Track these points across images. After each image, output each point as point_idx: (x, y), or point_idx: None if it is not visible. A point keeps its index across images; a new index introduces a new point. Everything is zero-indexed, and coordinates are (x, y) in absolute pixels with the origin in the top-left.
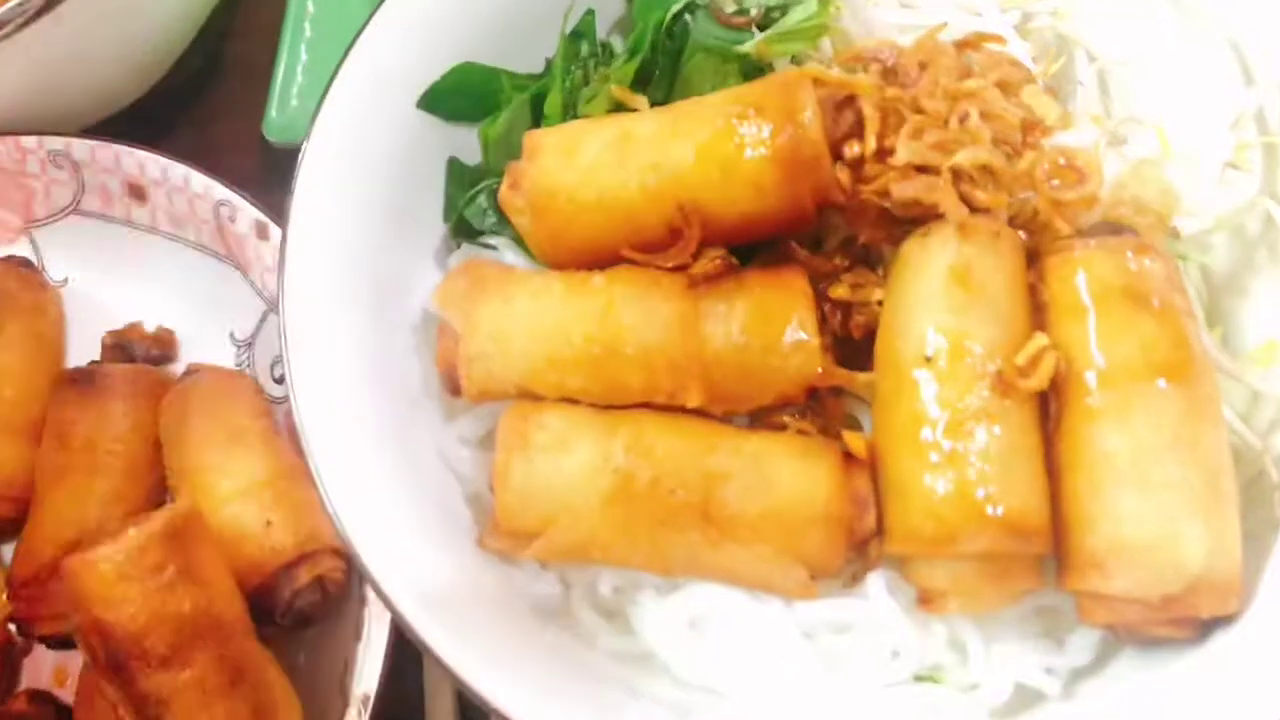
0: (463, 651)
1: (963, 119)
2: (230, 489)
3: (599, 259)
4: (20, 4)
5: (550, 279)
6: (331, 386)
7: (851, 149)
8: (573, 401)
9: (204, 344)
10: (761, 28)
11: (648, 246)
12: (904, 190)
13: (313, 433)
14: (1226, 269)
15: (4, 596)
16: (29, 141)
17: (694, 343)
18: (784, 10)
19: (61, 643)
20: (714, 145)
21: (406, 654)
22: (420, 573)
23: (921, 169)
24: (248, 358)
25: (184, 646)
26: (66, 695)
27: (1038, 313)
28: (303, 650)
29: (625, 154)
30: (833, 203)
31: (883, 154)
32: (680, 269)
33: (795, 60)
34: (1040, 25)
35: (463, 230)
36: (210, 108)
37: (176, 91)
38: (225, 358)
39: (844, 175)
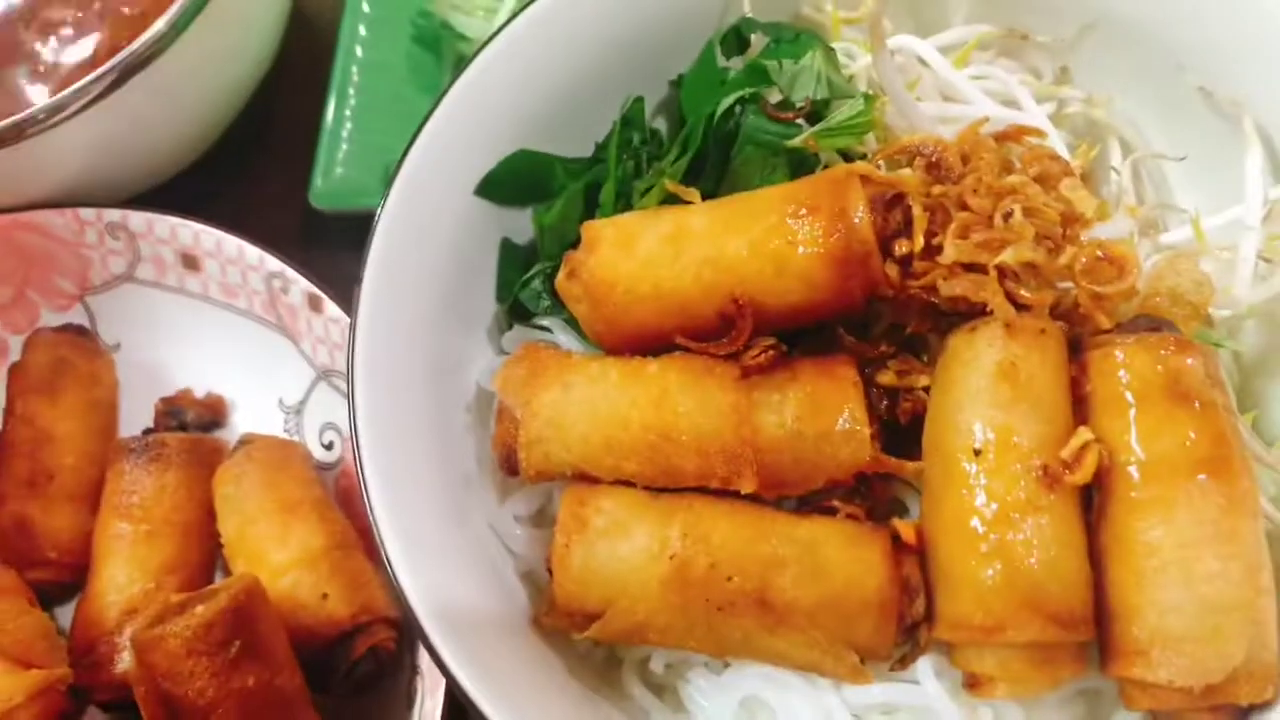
0: None
1: (1006, 216)
2: (286, 560)
3: (652, 345)
4: (80, 88)
5: (607, 366)
6: (397, 462)
7: (900, 247)
8: (628, 484)
9: (253, 410)
10: (809, 119)
11: (700, 334)
12: (952, 288)
13: (379, 504)
14: (1258, 353)
15: (65, 668)
16: (87, 214)
17: (748, 430)
18: (827, 103)
19: (117, 707)
20: (767, 241)
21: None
22: (478, 644)
23: (968, 266)
24: (295, 424)
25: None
26: None
27: (1079, 405)
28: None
29: (681, 248)
30: (881, 297)
31: (930, 251)
32: (732, 357)
33: (843, 154)
34: (1073, 111)
35: (516, 312)
36: (253, 171)
37: (221, 157)
38: (274, 424)
39: (892, 271)
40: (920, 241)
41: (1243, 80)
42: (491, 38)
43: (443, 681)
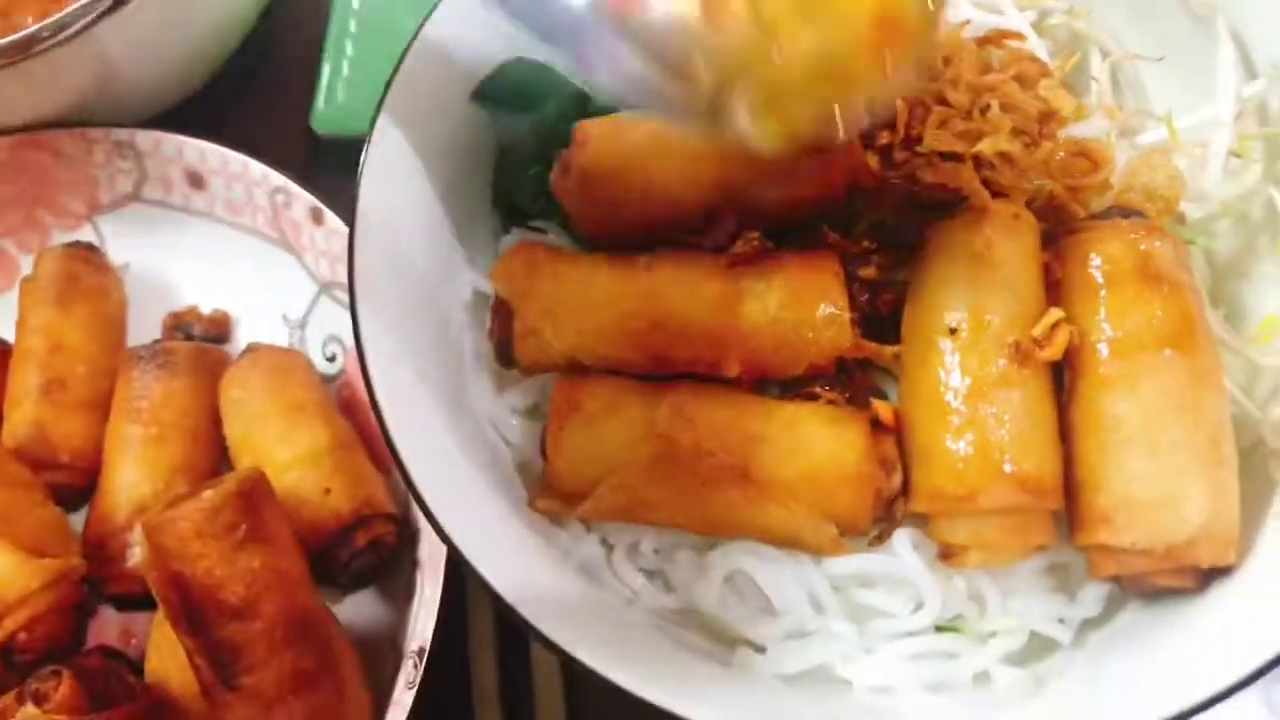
0: (524, 599)
1: (984, 110)
2: (290, 457)
3: (643, 240)
4: (84, 5)
5: (599, 260)
6: (397, 356)
7: (881, 137)
8: (618, 373)
9: (258, 325)
10: None
11: (689, 230)
12: (929, 175)
13: (382, 394)
14: (1230, 254)
15: (78, 558)
16: (95, 133)
17: (733, 317)
18: None
19: (128, 603)
20: None
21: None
22: (480, 524)
23: (946, 156)
24: (299, 338)
25: (255, 599)
26: (132, 655)
27: (1052, 290)
28: (355, 612)
29: (669, 142)
30: (862, 186)
31: (910, 142)
32: (719, 251)
33: None
34: (1056, 23)
35: (511, 215)
36: (257, 99)
37: (225, 85)
38: (278, 338)
39: (873, 160)
40: (901, 132)
41: None
42: None
43: (442, 571)
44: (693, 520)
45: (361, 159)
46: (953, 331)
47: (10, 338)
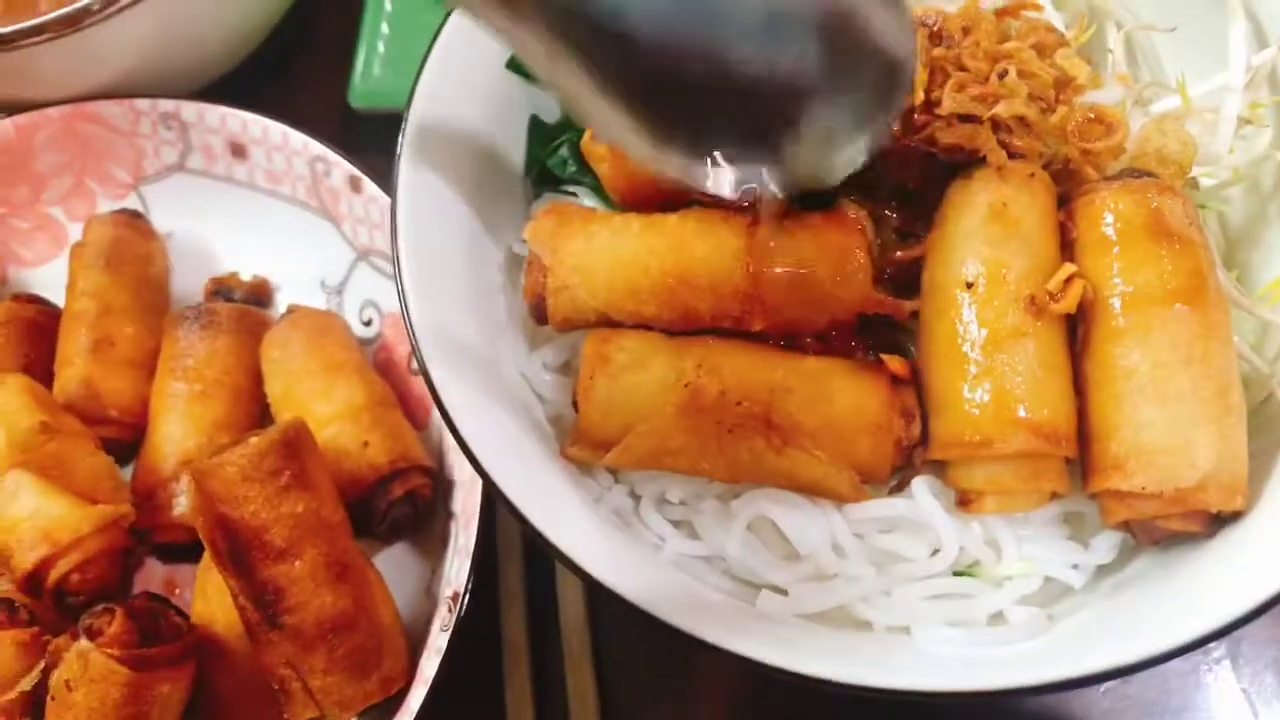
0: (561, 535)
1: (1002, 75)
2: (330, 412)
3: (671, 202)
4: None
5: (629, 218)
6: (439, 313)
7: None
8: (647, 328)
9: (297, 291)
10: None
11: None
12: (948, 136)
13: (425, 345)
14: (1242, 220)
15: (128, 505)
16: (142, 104)
17: (759, 273)
18: None
19: (173, 555)
20: None
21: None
22: (517, 468)
23: (964, 119)
24: (337, 304)
25: (297, 542)
26: (176, 604)
27: (1067, 248)
28: (393, 563)
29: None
30: (883, 149)
31: (929, 106)
32: (746, 209)
33: None
34: None
35: (544, 180)
36: (294, 77)
37: (264, 62)
38: (317, 303)
39: (893, 123)
40: (920, 95)
41: None
42: None
43: (476, 521)
44: (718, 468)
45: (401, 128)
46: (969, 285)
47: (61, 302)
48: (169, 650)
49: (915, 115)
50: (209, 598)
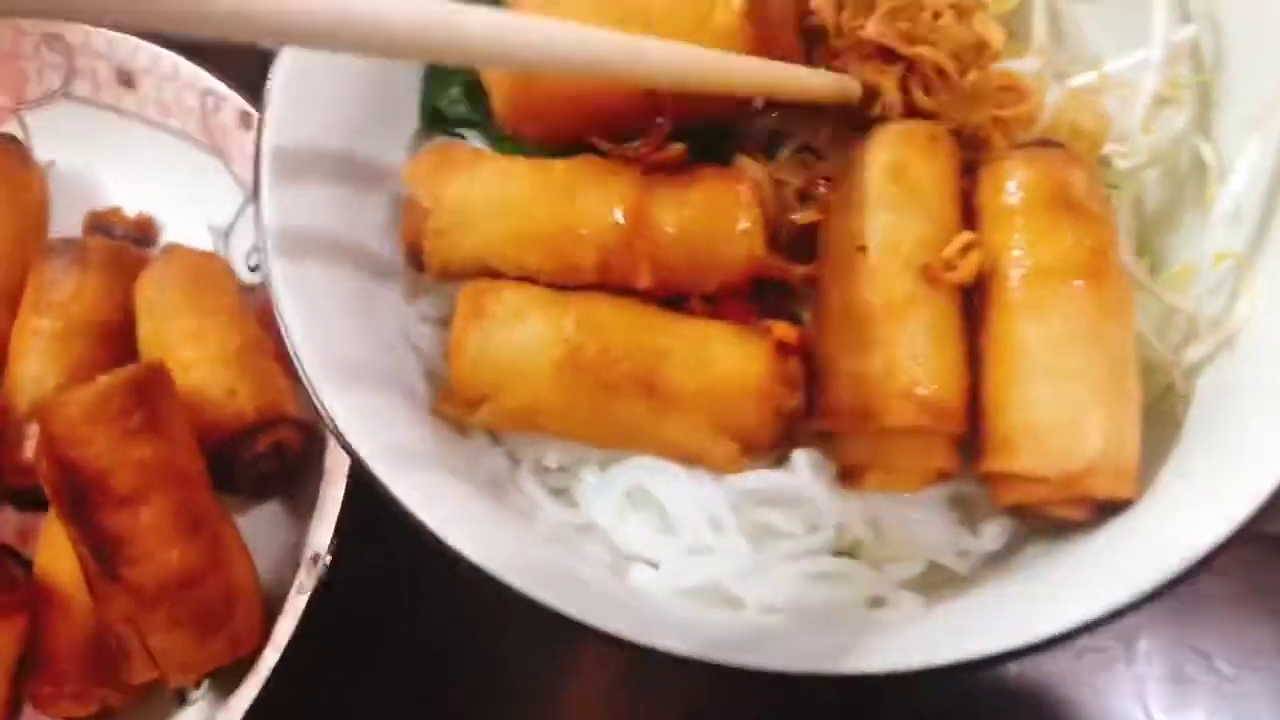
0: (422, 504)
1: (936, 16)
2: (198, 356)
3: (566, 129)
4: None
5: (516, 160)
6: (305, 253)
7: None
8: (529, 281)
9: (182, 231)
10: None
11: (620, 122)
12: (860, 72)
13: (284, 292)
14: (1157, 204)
15: None
16: (25, 24)
17: (646, 227)
18: None
19: (27, 503)
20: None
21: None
22: (381, 429)
23: (882, 52)
24: (223, 246)
25: (145, 489)
26: (27, 555)
27: (970, 218)
28: (263, 523)
29: (604, 17)
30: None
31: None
32: (638, 161)
33: None
34: None
35: (438, 121)
36: None
37: None
38: (202, 245)
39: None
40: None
41: None
42: None
43: (344, 479)
44: (595, 432)
45: (276, 57)
46: (862, 250)
47: None
48: None
49: (831, 39)
50: (55, 549)
